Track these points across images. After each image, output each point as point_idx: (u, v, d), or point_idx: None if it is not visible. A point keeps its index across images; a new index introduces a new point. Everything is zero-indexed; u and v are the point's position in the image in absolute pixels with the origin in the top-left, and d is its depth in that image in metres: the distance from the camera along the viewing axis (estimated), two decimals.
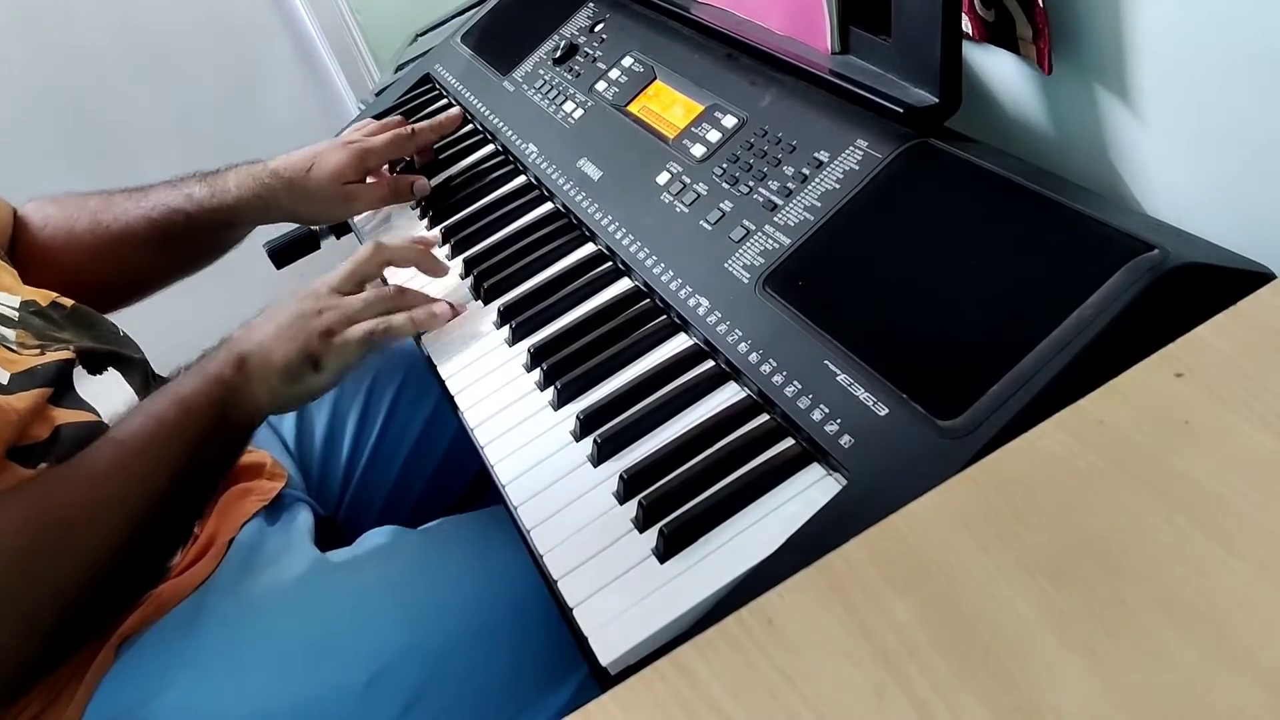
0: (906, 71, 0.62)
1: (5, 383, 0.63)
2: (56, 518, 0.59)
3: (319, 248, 1.07)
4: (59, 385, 0.66)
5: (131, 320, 0.84)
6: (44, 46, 1.78)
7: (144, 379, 0.73)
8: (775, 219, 0.64)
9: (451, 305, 0.76)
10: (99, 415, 0.66)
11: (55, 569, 0.58)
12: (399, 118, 0.98)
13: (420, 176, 0.93)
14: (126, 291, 0.91)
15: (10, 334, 0.67)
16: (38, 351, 0.67)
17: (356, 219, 0.99)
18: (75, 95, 1.83)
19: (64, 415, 0.65)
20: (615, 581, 0.52)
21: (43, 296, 0.74)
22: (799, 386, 0.55)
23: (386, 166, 0.98)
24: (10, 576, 0.56)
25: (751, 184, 0.67)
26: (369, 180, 0.92)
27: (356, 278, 0.74)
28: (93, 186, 0.96)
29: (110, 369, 0.71)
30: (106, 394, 0.69)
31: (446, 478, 0.92)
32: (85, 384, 0.68)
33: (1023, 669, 0.32)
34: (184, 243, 0.90)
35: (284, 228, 1.06)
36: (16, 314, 0.70)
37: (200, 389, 0.65)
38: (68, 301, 0.75)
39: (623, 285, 0.72)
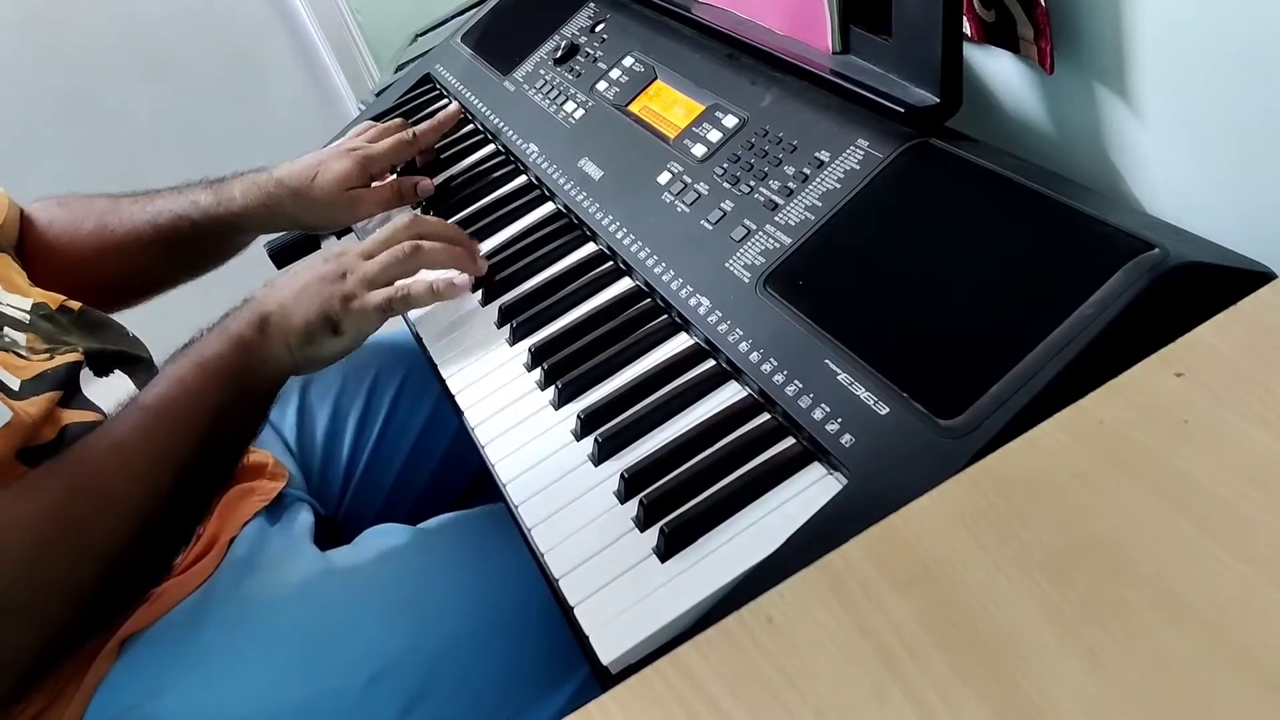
0: (907, 71, 0.62)
1: (16, 389, 0.63)
2: (91, 486, 0.60)
3: (319, 247, 1.07)
4: (68, 388, 0.66)
5: (137, 319, 0.85)
6: (45, 46, 1.78)
7: (149, 379, 0.73)
8: (776, 219, 0.64)
9: (473, 258, 0.76)
10: (105, 415, 0.67)
11: (93, 536, 0.59)
12: (399, 120, 0.98)
13: (424, 178, 0.93)
14: (130, 294, 0.91)
15: (21, 338, 0.68)
16: (46, 355, 0.67)
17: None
18: (76, 95, 1.83)
19: (71, 416, 0.65)
20: (616, 581, 0.52)
21: (51, 299, 0.74)
22: (800, 386, 0.55)
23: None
24: (54, 545, 0.57)
25: (752, 184, 0.67)
26: (373, 184, 0.92)
27: (385, 247, 0.74)
28: (94, 185, 0.97)
29: (117, 370, 0.71)
30: (113, 395, 0.69)
31: (447, 477, 0.92)
32: (92, 385, 0.69)
33: (1023, 669, 0.32)
34: (189, 249, 0.90)
35: None
36: (27, 317, 0.70)
37: (221, 350, 0.66)
38: (75, 304, 0.76)
39: (623, 285, 0.72)
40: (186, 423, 0.63)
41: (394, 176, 0.95)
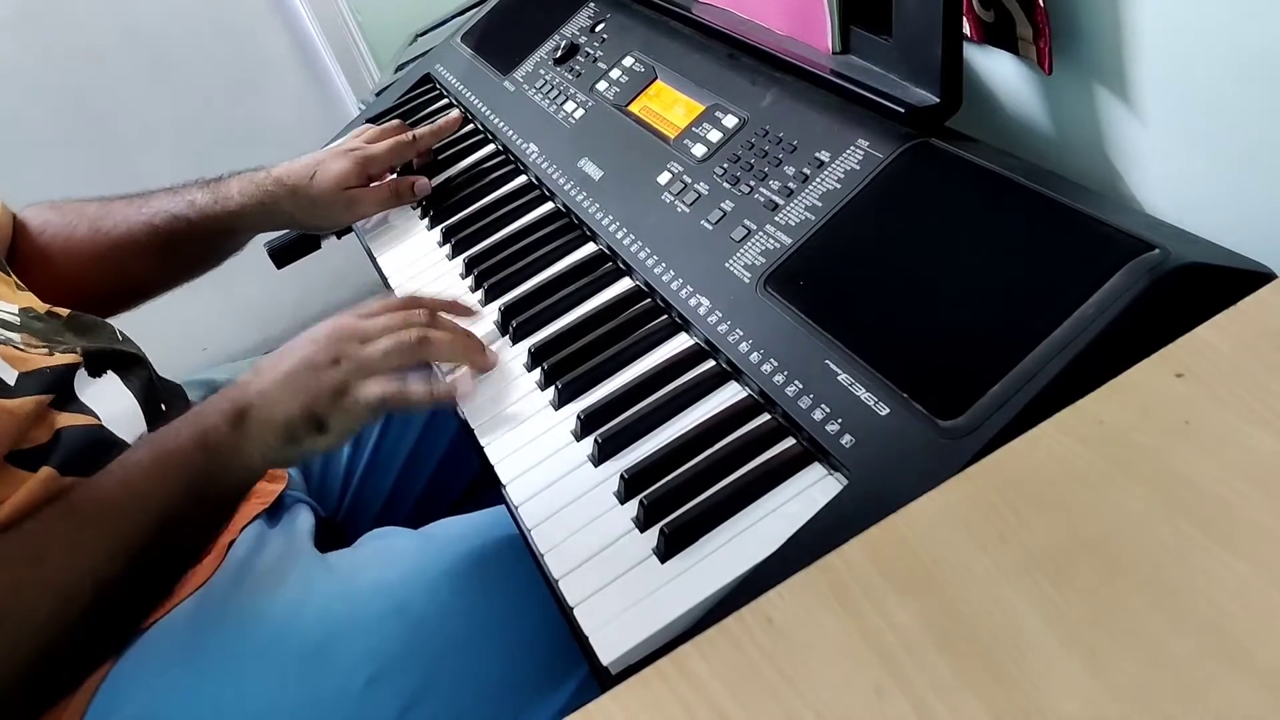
0: (907, 71, 0.62)
1: (12, 384, 0.62)
2: None
3: (319, 247, 1.07)
4: (61, 390, 0.65)
5: (132, 321, 0.84)
6: (45, 46, 1.78)
7: (146, 381, 0.73)
8: (776, 219, 0.64)
9: (483, 350, 0.69)
10: (99, 419, 0.66)
11: None
12: (398, 122, 0.98)
13: (421, 177, 0.93)
14: (126, 297, 0.91)
15: (16, 336, 0.67)
16: (46, 351, 0.67)
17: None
18: (76, 95, 1.83)
19: (65, 419, 0.64)
20: (616, 581, 0.52)
21: (38, 305, 0.74)
22: (800, 386, 0.55)
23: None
24: None
25: (752, 184, 0.67)
26: (372, 185, 0.92)
27: (387, 331, 0.66)
28: (94, 185, 0.96)
29: (109, 372, 0.71)
30: (106, 397, 0.69)
31: (446, 478, 0.92)
32: (86, 387, 0.68)
33: (1023, 669, 0.32)
34: (185, 249, 0.89)
35: None
36: (17, 319, 0.70)
37: (184, 448, 0.60)
38: (63, 311, 0.75)
39: (623, 285, 0.72)
40: (117, 534, 0.57)
41: (392, 176, 0.95)
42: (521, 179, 0.89)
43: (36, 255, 0.85)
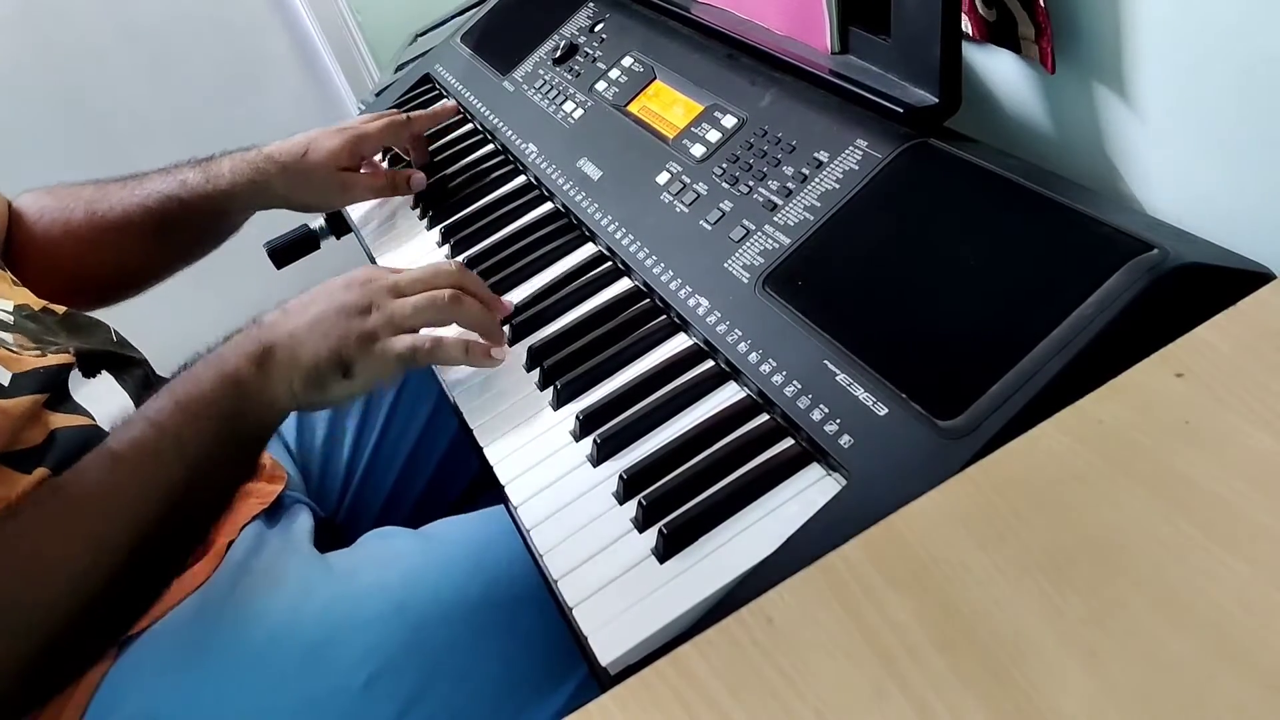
0: (906, 71, 0.62)
1: (6, 384, 0.62)
2: (30, 554, 0.53)
3: (319, 248, 1.07)
4: (56, 390, 0.65)
5: (130, 320, 0.84)
6: (44, 45, 1.78)
7: (142, 381, 0.73)
8: (775, 219, 0.64)
9: (502, 332, 0.69)
10: (94, 419, 0.66)
11: (25, 609, 0.53)
12: (395, 110, 0.98)
13: (418, 171, 0.93)
14: (126, 282, 0.90)
15: (9, 337, 0.67)
16: (39, 352, 0.67)
17: (357, 219, 0.99)
18: (75, 94, 1.83)
19: (60, 420, 0.64)
20: (615, 581, 0.52)
21: (34, 301, 0.74)
22: (799, 386, 0.55)
23: (385, 161, 0.99)
24: None
25: (751, 184, 0.67)
26: (365, 170, 0.91)
27: (422, 288, 0.65)
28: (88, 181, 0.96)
29: (104, 372, 0.70)
30: (101, 397, 0.69)
31: (446, 478, 0.92)
32: (80, 388, 0.68)
33: (1022, 669, 0.32)
34: (180, 230, 0.89)
35: (284, 227, 1.06)
36: (11, 318, 0.70)
37: (210, 389, 0.59)
38: (59, 308, 0.75)
39: (623, 285, 0.72)
40: (155, 476, 0.56)
41: (387, 166, 0.94)
42: (521, 179, 0.89)
43: (34, 242, 0.85)
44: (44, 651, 0.54)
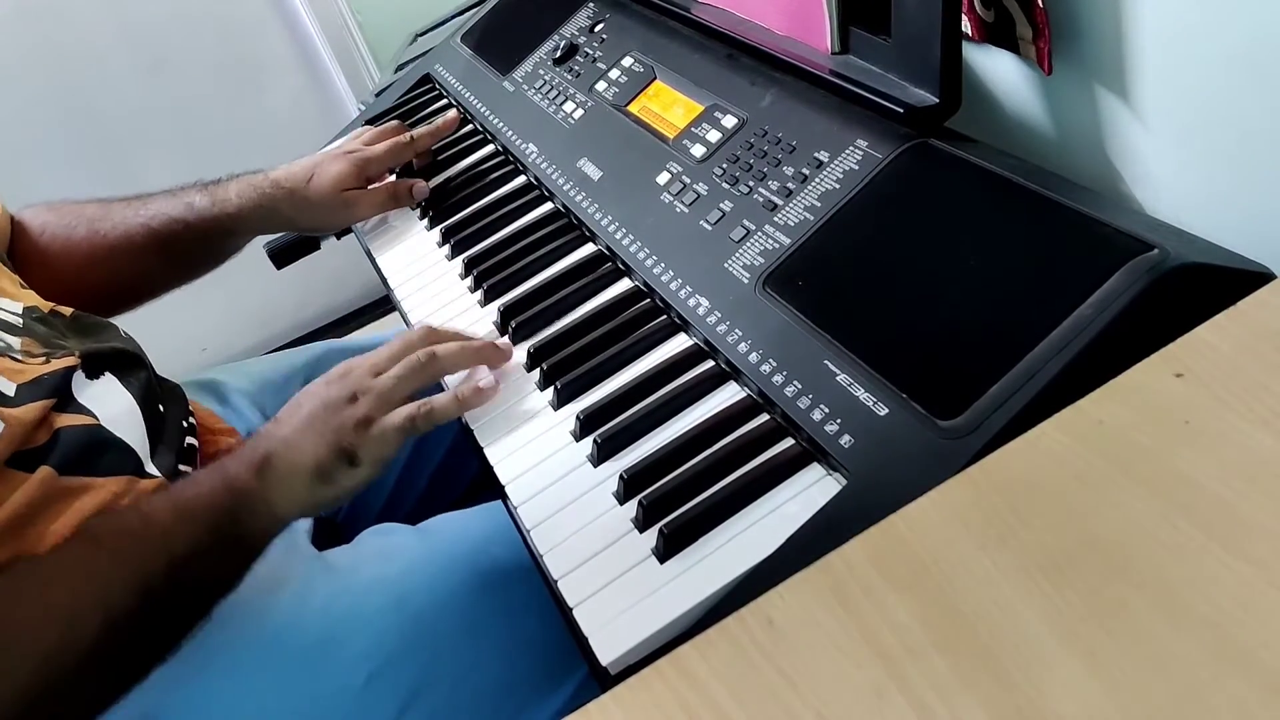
0: (907, 71, 0.62)
1: (11, 394, 0.62)
2: None
3: (319, 248, 1.07)
4: (61, 395, 0.65)
5: (132, 321, 0.84)
6: (44, 44, 1.78)
7: (144, 381, 0.73)
8: (775, 219, 0.64)
9: (493, 347, 0.69)
10: (98, 418, 0.66)
11: None
12: (396, 123, 0.98)
13: (419, 180, 0.93)
14: (126, 298, 0.90)
15: (15, 342, 0.67)
16: (43, 360, 0.67)
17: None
18: (75, 94, 1.83)
19: (64, 419, 0.64)
20: (615, 581, 0.52)
21: (42, 304, 0.74)
22: (799, 386, 0.55)
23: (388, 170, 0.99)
24: None
25: (751, 184, 0.67)
26: (370, 187, 0.92)
27: (396, 358, 0.66)
28: (93, 185, 0.96)
29: (107, 373, 0.71)
30: (104, 397, 0.69)
31: (446, 479, 0.92)
32: (84, 388, 0.68)
33: (1023, 669, 0.32)
34: (184, 251, 0.90)
35: None
36: (20, 320, 0.70)
37: (207, 493, 0.60)
38: (67, 310, 0.75)
39: (623, 285, 0.72)
40: (134, 566, 0.55)
41: (391, 178, 0.95)
42: (521, 179, 0.89)
43: (36, 256, 0.85)
44: None
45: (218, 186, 0.89)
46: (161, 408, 0.72)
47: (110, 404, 0.68)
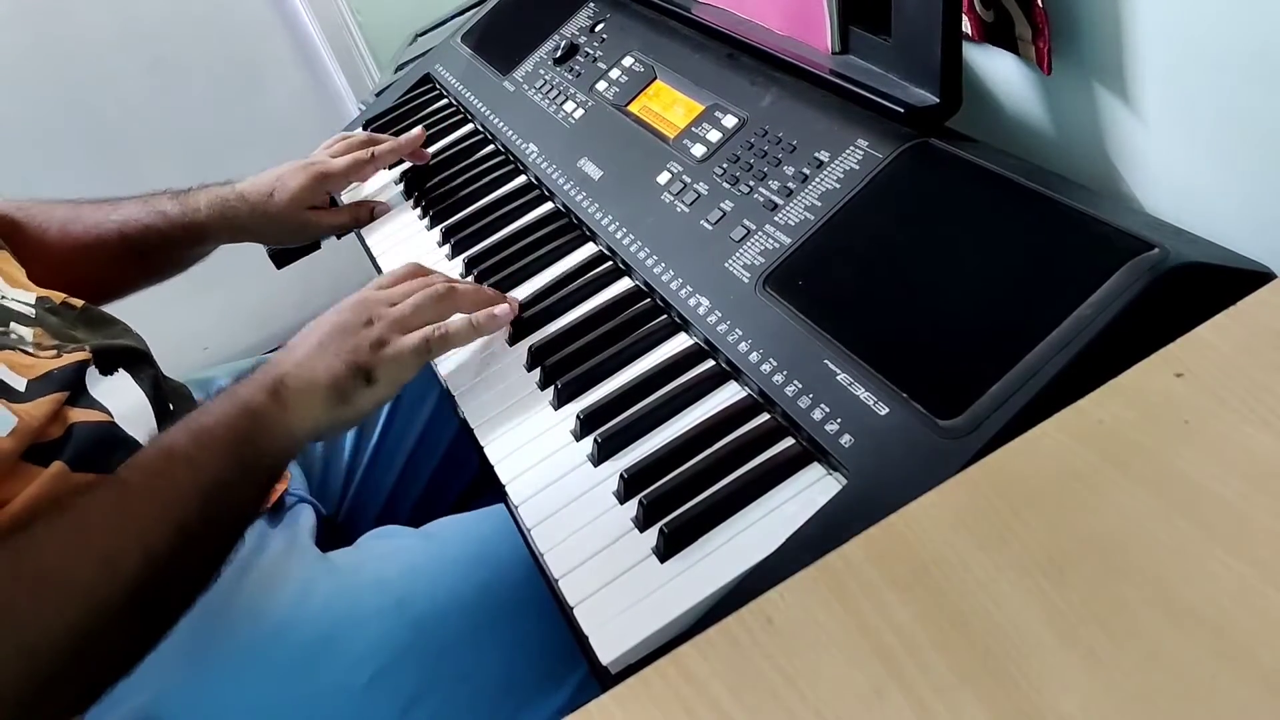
0: (907, 71, 0.62)
1: (23, 389, 0.62)
2: (38, 568, 0.52)
3: (319, 248, 1.07)
4: (74, 388, 0.65)
5: (132, 321, 0.84)
6: (44, 44, 1.78)
7: (155, 380, 0.73)
8: (775, 219, 0.64)
9: (510, 302, 0.72)
10: (111, 415, 0.66)
11: (27, 626, 0.51)
12: (366, 135, 1.00)
13: (379, 201, 0.96)
14: (95, 299, 0.91)
15: (28, 334, 0.67)
16: (54, 353, 0.67)
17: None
18: (75, 94, 1.83)
19: (78, 414, 0.64)
20: (615, 581, 0.52)
21: (54, 295, 0.74)
22: (799, 386, 0.55)
23: (388, 168, 0.99)
24: None
25: (752, 184, 0.67)
26: (331, 207, 0.95)
27: (412, 290, 0.69)
28: (92, 185, 0.97)
29: (120, 369, 0.71)
30: (117, 394, 0.69)
31: (448, 478, 0.93)
32: (97, 384, 0.68)
33: (1023, 669, 0.32)
34: (154, 256, 0.92)
35: None
36: (33, 311, 0.70)
37: (224, 419, 0.59)
38: (77, 302, 0.75)
39: (623, 285, 0.72)
40: (167, 503, 0.56)
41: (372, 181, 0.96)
42: (521, 179, 0.89)
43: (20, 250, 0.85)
44: (48, 672, 0.52)
45: (188, 196, 0.92)
46: (171, 406, 0.73)
47: (123, 401, 0.68)
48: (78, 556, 0.53)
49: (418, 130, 0.99)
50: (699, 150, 0.73)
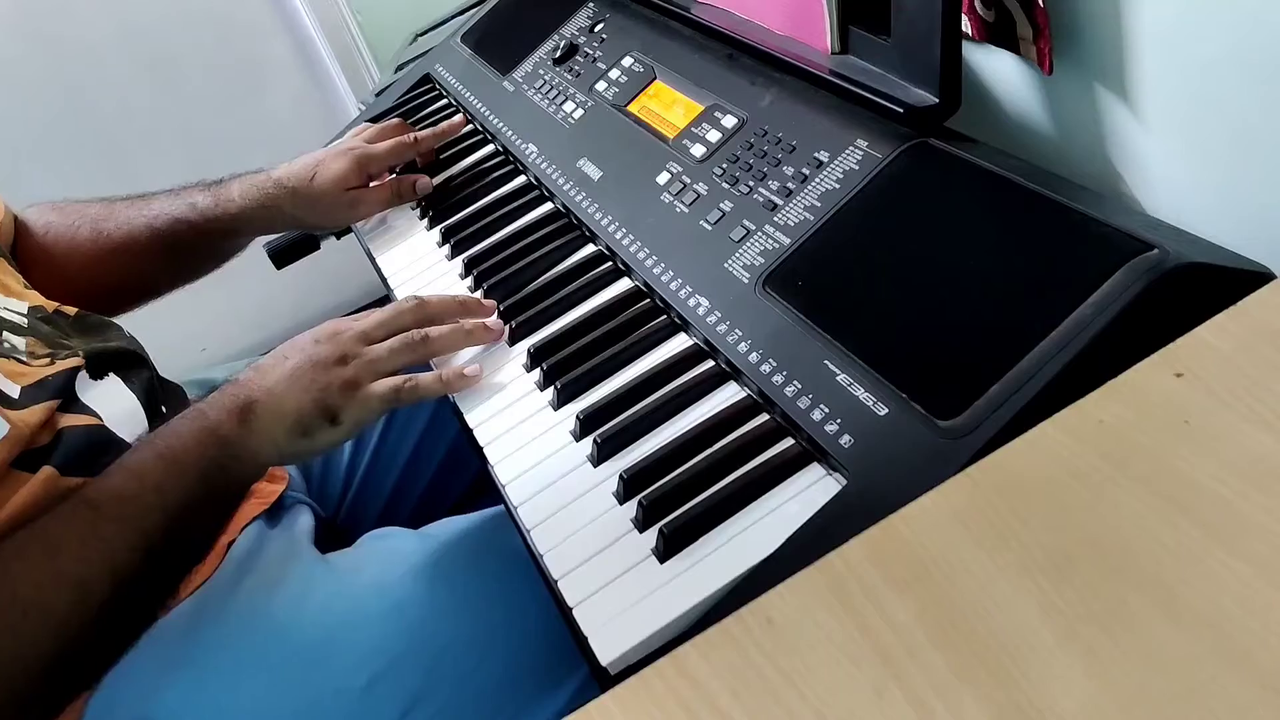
0: (906, 71, 0.62)
1: (16, 397, 0.62)
2: (11, 593, 0.53)
3: (319, 248, 1.07)
4: (65, 394, 0.65)
5: (132, 321, 0.84)
6: (44, 44, 1.78)
7: (147, 381, 0.73)
8: (775, 219, 0.64)
9: (485, 328, 0.71)
10: (101, 419, 0.66)
11: (4, 648, 0.52)
12: (398, 121, 0.99)
13: (422, 175, 0.93)
14: (130, 297, 0.91)
15: (21, 343, 0.67)
16: (47, 361, 0.67)
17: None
18: (75, 94, 1.83)
19: (67, 420, 0.64)
20: (615, 581, 0.52)
21: (47, 304, 0.74)
22: (799, 386, 0.55)
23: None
24: None
25: (751, 184, 0.67)
26: (373, 184, 0.92)
27: (389, 329, 0.68)
28: (93, 185, 0.97)
29: (111, 374, 0.71)
30: (107, 397, 0.69)
31: (447, 478, 0.92)
32: (87, 388, 0.68)
33: (1022, 669, 0.32)
34: (187, 252, 0.90)
35: None
36: (26, 320, 0.70)
37: (192, 443, 0.60)
38: (71, 310, 0.75)
39: (623, 285, 0.72)
40: (135, 526, 0.57)
41: (392, 175, 0.95)
42: (521, 179, 0.89)
43: (40, 255, 0.85)
44: (22, 696, 0.53)
45: (220, 187, 0.89)
46: (164, 408, 0.72)
47: (114, 404, 0.68)
48: (51, 584, 0.54)
49: (458, 118, 0.99)
50: (699, 150, 0.73)
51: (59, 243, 0.86)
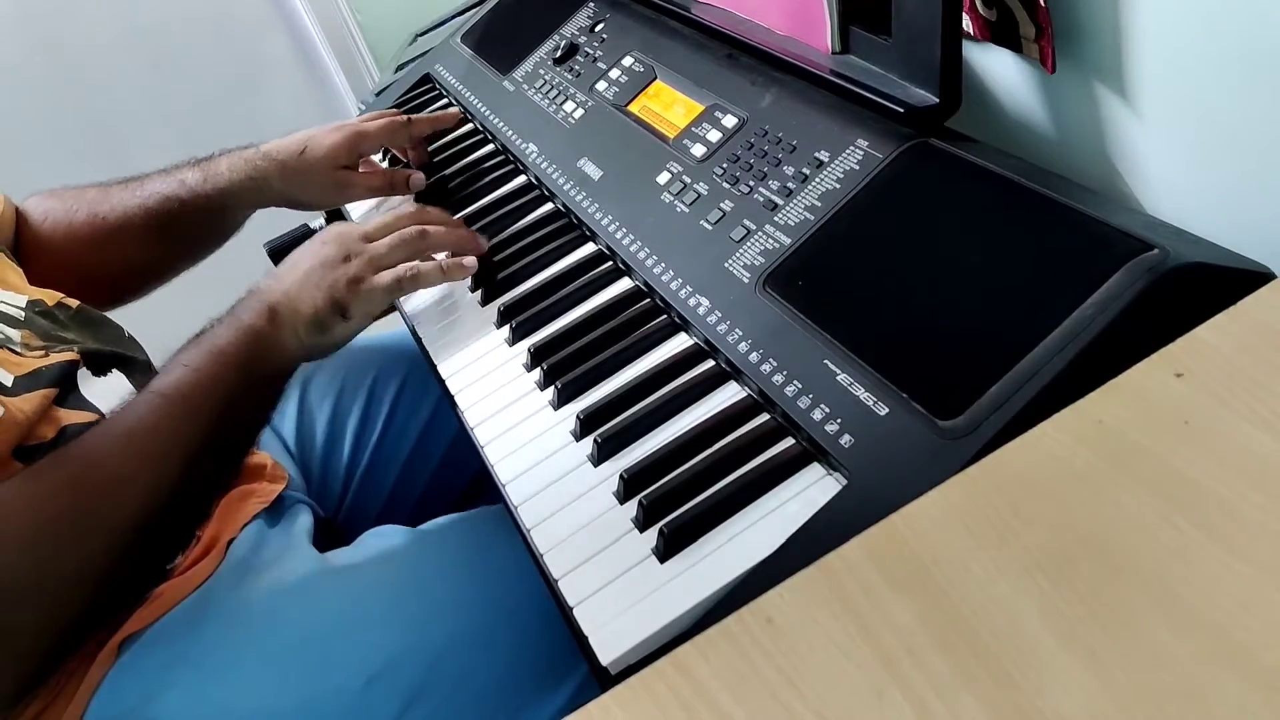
0: (907, 71, 0.62)
1: (9, 384, 0.62)
2: (99, 476, 0.59)
3: None
4: (64, 386, 0.66)
5: (132, 321, 0.84)
6: (44, 44, 1.78)
7: (148, 380, 0.73)
8: (775, 219, 0.64)
9: (475, 238, 0.78)
10: (104, 416, 0.66)
11: (101, 521, 0.58)
12: (392, 109, 0.99)
13: (417, 172, 0.92)
14: (129, 284, 0.90)
15: (15, 334, 0.67)
16: (42, 353, 0.67)
17: (356, 219, 0.99)
18: (76, 93, 1.83)
19: (69, 416, 0.65)
20: (615, 581, 0.52)
21: (48, 296, 0.74)
22: (799, 386, 0.55)
23: (385, 162, 0.98)
24: (62, 530, 0.57)
25: (752, 184, 0.67)
26: (363, 169, 0.91)
27: (388, 231, 0.74)
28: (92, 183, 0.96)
29: (114, 370, 0.71)
30: (111, 396, 0.69)
31: (447, 478, 0.92)
32: (89, 385, 0.68)
33: (1022, 669, 0.32)
34: (181, 229, 0.89)
35: (284, 226, 1.06)
36: (22, 314, 0.70)
37: (234, 339, 0.67)
38: (73, 302, 0.75)
39: (623, 285, 0.72)
40: (198, 410, 0.63)
41: (386, 165, 0.94)
42: (521, 179, 0.89)
43: (39, 244, 0.85)
44: (121, 561, 0.59)
45: (210, 162, 0.90)
46: None
47: (116, 401, 0.68)
48: (136, 459, 0.61)
49: (454, 109, 0.98)
50: (699, 150, 0.73)
51: (57, 229, 0.86)
